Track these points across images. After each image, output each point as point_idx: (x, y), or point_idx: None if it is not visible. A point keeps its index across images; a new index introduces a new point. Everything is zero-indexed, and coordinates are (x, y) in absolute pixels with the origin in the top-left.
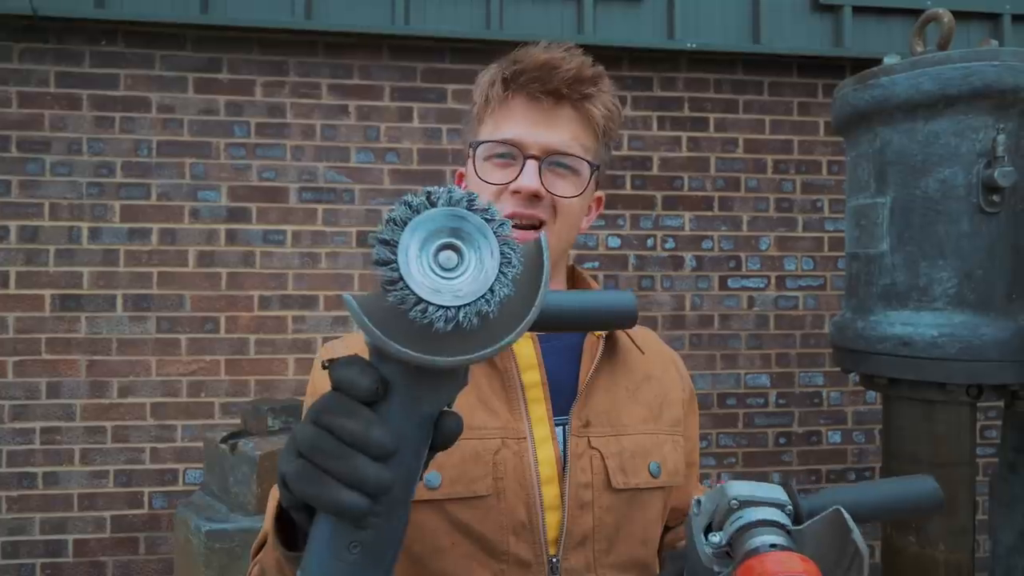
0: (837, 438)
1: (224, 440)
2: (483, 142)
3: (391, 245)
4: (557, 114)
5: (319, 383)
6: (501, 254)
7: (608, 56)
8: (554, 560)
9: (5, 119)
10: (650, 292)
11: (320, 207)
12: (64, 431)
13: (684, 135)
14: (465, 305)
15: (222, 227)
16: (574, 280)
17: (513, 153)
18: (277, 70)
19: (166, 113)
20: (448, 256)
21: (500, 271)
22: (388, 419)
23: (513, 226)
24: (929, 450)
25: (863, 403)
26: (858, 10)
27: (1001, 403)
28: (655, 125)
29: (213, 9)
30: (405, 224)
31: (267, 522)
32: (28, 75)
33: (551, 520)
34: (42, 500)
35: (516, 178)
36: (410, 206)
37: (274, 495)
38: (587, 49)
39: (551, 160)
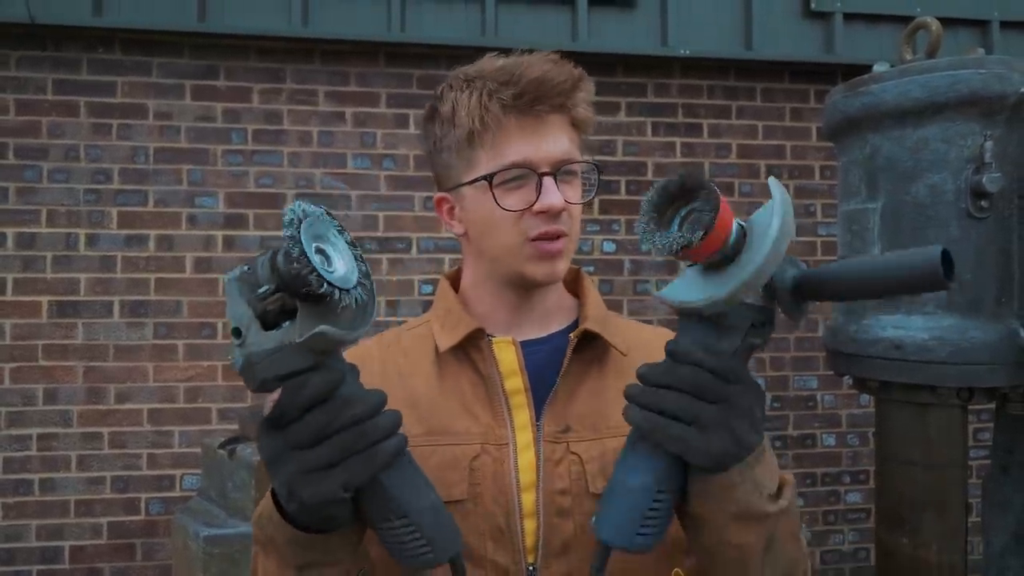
0: (831, 441)
1: (222, 446)
2: (497, 172)
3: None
4: (553, 125)
5: None
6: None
7: (602, 63)
8: (531, 568)
9: (2, 126)
10: (645, 297)
11: None
12: (61, 437)
13: (678, 140)
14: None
15: (219, 233)
16: (578, 283)
17: (525, 174)
18: (274, 77)
19: (163, 120)
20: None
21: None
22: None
23: (545, 243)
24: (922, 452)
25: (857, 406)
26: (849, 17)
27: (993, 405)
28: (649, 131)
29: (210, 17)
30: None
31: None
32: (25, 82)
33: (529, 527)
34: (38, 507)
35: (537, 199)
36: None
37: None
38: (581, 56)
39: (562, 171)
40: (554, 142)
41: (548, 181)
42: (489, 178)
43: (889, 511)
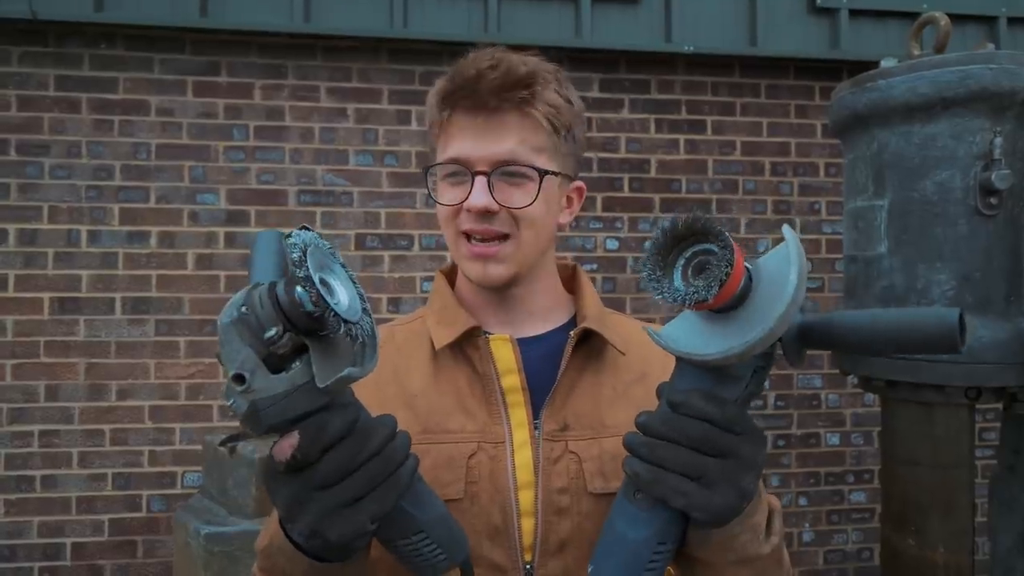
0: (836, 440)
1: (223, 443)
2: (432, 165)
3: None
4: (500, 122)
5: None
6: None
7: (605, 59)
8: (529, 566)
9: (4, 122)
10: (648, 295)
11: (319, 210)
12: (62, 434)
13: (682, 137)
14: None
15: (221, 230)
16: (574, 280)
17: (461, 171)
18: (276, 73)
19: (165, 116)
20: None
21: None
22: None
23: (472, 240)
24: (928, 452)
25: (861, 405)
26: (855, 13)
27: (1000, 405)
28: (653, 127)
29: (212, 12)
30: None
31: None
32: (27, 78)
33: (526, 526)
34: (40, 503)
35: (467, 196)
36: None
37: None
38: (583, 52)
39: (501, 171)
40: (494, 142)
41: (478, 180)
42: (426, 170)
43: (895, 511)
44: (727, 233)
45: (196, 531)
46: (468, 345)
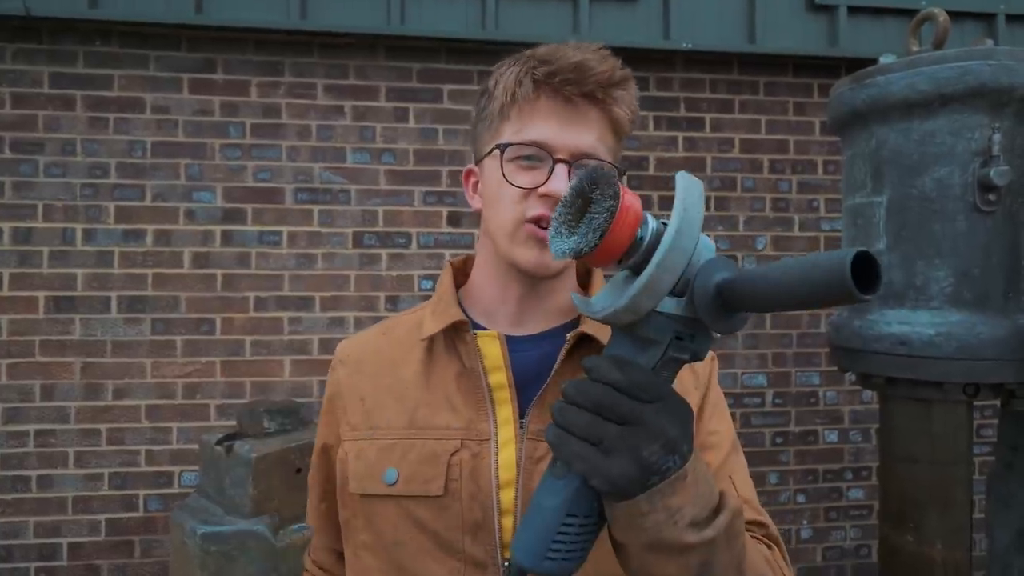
0: (834, 437)
1: (220, 442)
2: (511, 144)
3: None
4: (585, 116)
5: (343, 383)
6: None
7: None
8: (507, 563)
9: None
10: None
11: (316, 208)
12: (58, 434)
13: (680, 135)
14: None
15: (217, 228)
16: (589, 278)
17: (541, 156)
18: (272, 70)
19: (160, 114)
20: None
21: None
22: None
23: (539, 225)
24: (926, 449)
25: (859, 402)
26: (853, 10)
27: (998, 402)
28: (651, 125)
29: (207, 9)
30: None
31: None
32: (21, 76)
33: (506, 524)
34: (36, 503)
35: (545, 182)
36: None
37: None
38: None
39: (579, 164)
40: (580, 133)
41: (560, 168)
42: (503, 148)
43: (893, 508)
44: (618, 184)
45: (193, 530)
46: (458, 340)
